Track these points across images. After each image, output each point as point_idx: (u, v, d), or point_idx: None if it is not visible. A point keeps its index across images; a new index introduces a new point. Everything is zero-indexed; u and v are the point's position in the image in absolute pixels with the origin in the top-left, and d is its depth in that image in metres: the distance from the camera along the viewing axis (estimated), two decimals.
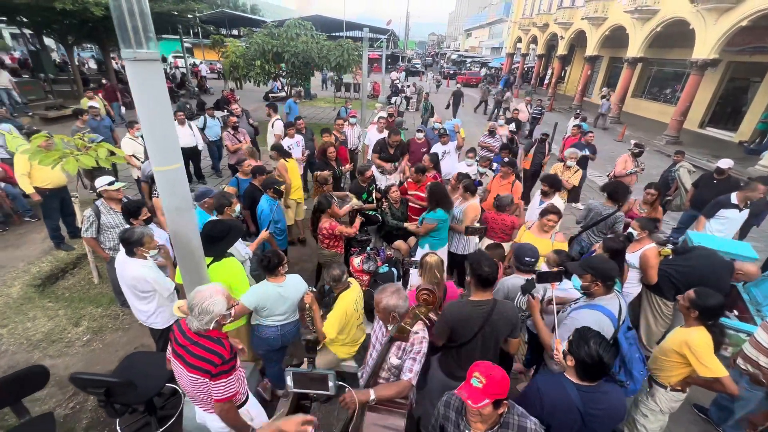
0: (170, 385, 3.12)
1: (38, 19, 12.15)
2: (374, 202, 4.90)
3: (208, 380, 1.80)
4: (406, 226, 4.09)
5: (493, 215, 4.01)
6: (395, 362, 1.99)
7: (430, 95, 13.75)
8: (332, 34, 25.60)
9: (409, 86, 19.33)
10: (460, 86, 17.06)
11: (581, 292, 2.33)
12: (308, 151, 6.37)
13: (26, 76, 15.80)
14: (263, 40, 11.89)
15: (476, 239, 4.27)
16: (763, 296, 3.55)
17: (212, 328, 1.83)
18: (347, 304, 2.72)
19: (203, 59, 26.32)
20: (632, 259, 3.37)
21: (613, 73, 21.70)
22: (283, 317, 2.78)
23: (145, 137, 1.94)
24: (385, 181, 5.78)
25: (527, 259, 2.74)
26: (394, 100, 15.42)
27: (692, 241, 3.85)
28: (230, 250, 2.95)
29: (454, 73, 35.80)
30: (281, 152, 5.16)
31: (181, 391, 3.11)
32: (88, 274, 4.58)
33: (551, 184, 4.24)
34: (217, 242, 2.73)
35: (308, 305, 2.72)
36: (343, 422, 1.90)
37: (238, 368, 1.96)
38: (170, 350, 1.98)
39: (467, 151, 5.61)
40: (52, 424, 2.31)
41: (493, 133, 7.11)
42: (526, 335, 3.23)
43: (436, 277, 2.56)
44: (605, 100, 15.88)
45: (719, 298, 2.22)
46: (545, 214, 3.48)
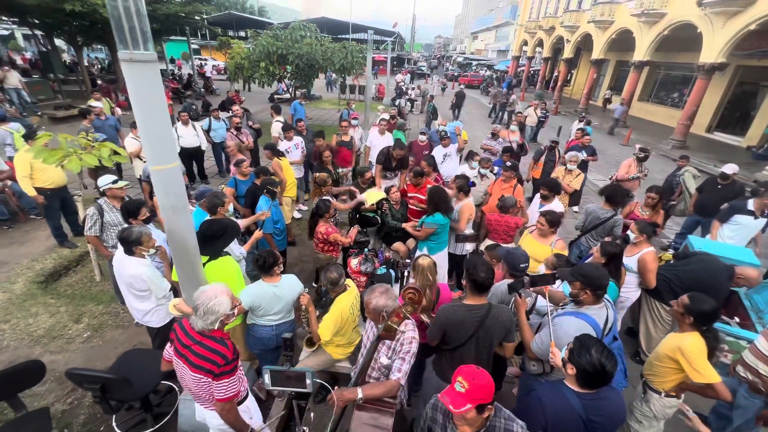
0: (166, 382, 3.15)
1: (48, 20, 12.37)
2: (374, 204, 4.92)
3: (210, 380, 1.81)
4: (403, 226, 4.10)
5: (496, 217, 4.00)
6: (385, 362, 1.99)
7: (434, 98, 13.74)
8: (338, 36, 25.71)
9: (413, 89, 19.36)
10: (462, 87, 17.04)
11: (569, 298, 2.31)
12: (305, 151, 6.37)
13: (36, 76, 16.08)
14: (268, 41, 11.98)
15: (477, 234, 4.29)
16: (764, 303, 3.49)
17: (216, 328, 1.84)
18: (343, 306, 2.73)
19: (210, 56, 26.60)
20: (630, 262, 3.34)
21: (619, 76, 21.54)
22: (278, 317, 2.79)
23: (141, 137, 1.97)
24: (384, 183, 5.78)
25: (523, 265, 2.72)
26: (397, 102, 15.45)
27: (693, 246, 3.81)
28: (226, 249, 2.97)
29: (457, 75, 35.84)
30: (274, 151, 5.32)
31: (177, 388, 3.14)
32: (90, 271, 4.64)
33: (550, 188, 4.25)
34: (213, 241, 2.75)
35: (304, 306, 2.74)
36: (332, 421, 1.90)
37: (239, 367, 1.97)
38: (172, 350, 1.98)
39: (471, 155, 5.58)
40: (47, 419, 2.33)
41: (495, 135, 7.08)
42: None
43: (428, 279, 2.55)
44: (619, 104, 15.44)
45: (713, 303, 2.19)
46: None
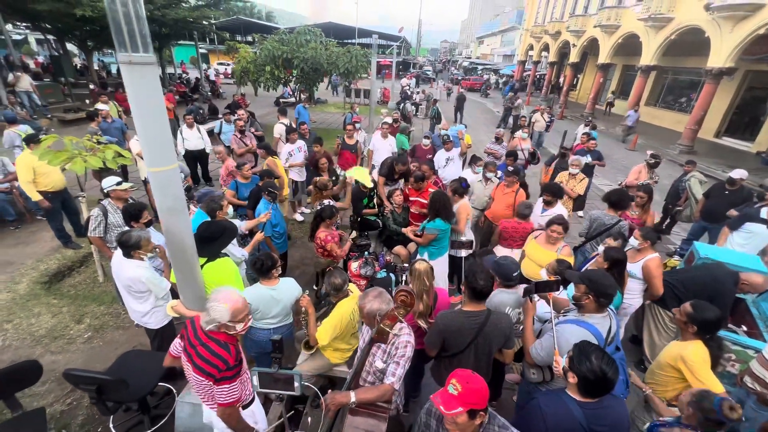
0: (164, 384, 3.15)
1: (59, 25, 12.61)
2: (375, 207, 4.91)
3: (211, 383, 1.80)
4: (404, 231, 4.09)
5: (513, 224, 4.01)
6: (380, 366, 1.97)
7: (438, 102, 13.75)
8: (344, 41, 25.93)
9: (418, 93, 19.38)
10: (464, 91, 17.03)
11: (572, 303, 2.27)
12: (307, 154, 6.38)
13: (48, 79, 16.36)
14: (273, 46, 12.11)
15: (473, 240, 4.30)
16: None
17: (216, 330, 1.82)
18: (344, 312, 2.70)
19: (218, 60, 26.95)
20: (634, 269, 3.29)
21: (626, 81, 21.41)
22: (276, 320, 2.78)
23: (139, 138, 1.98)
24: (386, 188, 5.77)
25: (515, 275, 2.69)
26: (402, 105, 15.48)
27: (699, 252, 3.74)
28: (225, 251, 2.97)
29: (461, 79, 36.00)
30: (268, 150, 5.61)
31: (174, 391, 3.14)
32: (93, 272, 4.67)
33: (553, 193, 4.21)
34: (210, 243, 2.75)
35: (304, 309, 2.72)
36: (325, 425, 1.88)
37: (244, 371, 1.95)
38: (181, 347, 1.96)
39: (475, 160, 5.56)
40: (43, 419, 2.34)
41: (499, 140, 7.05)
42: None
43: (425, 284, 2.53)
44: (633, 111, 15.09)
45: (717, 311, 2.14)
46: (551, 224, 3.43)
